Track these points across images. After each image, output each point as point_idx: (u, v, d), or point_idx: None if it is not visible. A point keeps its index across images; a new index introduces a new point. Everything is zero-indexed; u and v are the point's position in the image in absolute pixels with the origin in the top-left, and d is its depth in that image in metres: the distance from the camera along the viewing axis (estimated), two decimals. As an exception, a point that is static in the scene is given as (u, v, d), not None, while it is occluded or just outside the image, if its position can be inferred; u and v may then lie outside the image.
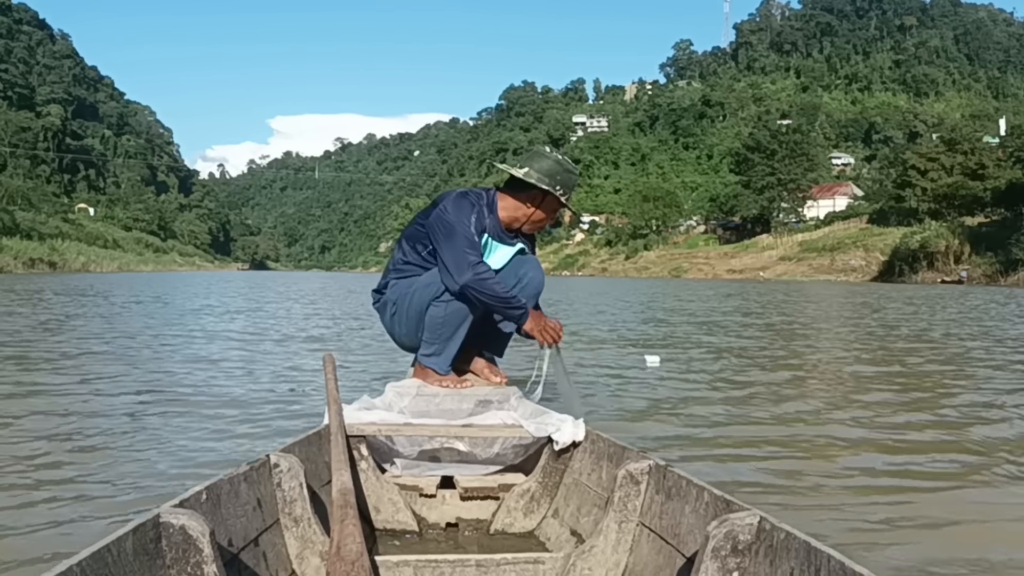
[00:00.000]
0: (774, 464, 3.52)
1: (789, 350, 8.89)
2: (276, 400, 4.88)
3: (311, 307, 17.25)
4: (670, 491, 2.06)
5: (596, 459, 2.54)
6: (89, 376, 5.75)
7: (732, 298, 25.13)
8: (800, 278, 68.99)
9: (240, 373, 6.15)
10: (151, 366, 6.47)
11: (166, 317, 12.77)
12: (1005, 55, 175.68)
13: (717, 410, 4.87)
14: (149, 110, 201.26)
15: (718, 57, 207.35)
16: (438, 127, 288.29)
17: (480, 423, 2.83)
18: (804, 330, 12.21)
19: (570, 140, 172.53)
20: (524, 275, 3.40)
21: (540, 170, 3.35)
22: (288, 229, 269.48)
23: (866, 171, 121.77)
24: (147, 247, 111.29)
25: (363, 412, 2.78)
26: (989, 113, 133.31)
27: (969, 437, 4.16)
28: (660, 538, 2.03)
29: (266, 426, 4.12)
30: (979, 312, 17.69)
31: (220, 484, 1.89)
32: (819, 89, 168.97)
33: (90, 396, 4.96)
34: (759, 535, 1.67)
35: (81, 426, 4.05)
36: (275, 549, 2.04)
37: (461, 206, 3.28)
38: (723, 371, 6.80)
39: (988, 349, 9.09)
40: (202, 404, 4.73)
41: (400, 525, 2.62)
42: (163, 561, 1.59)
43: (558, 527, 2.54)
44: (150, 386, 5.37)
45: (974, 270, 57.00)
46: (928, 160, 74.02)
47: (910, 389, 5.87)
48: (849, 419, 4.63)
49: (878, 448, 3.90)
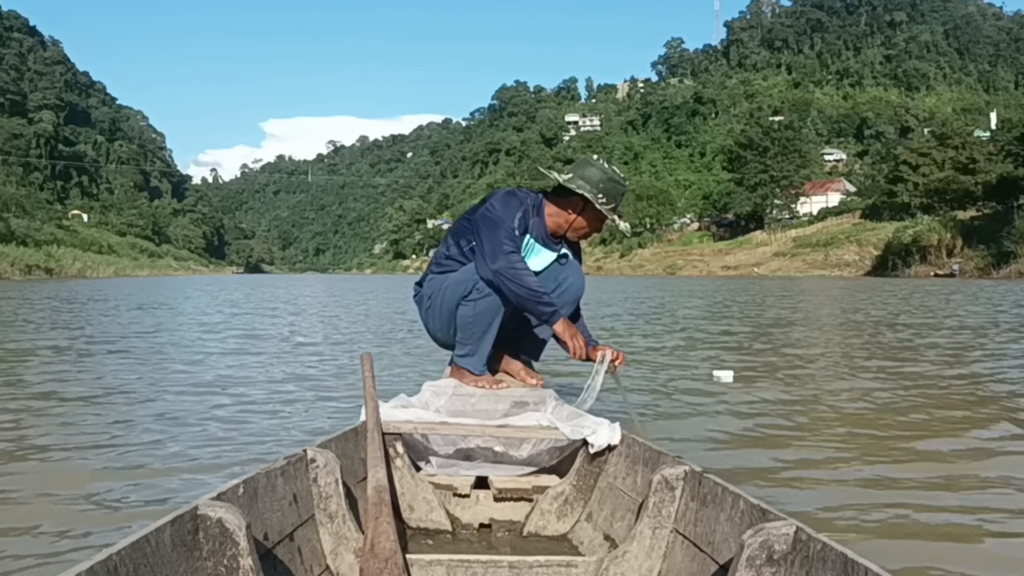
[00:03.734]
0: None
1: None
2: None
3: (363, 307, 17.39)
4: (705, 498, 2.04)
5: (631, 463, 2.53)
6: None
7: (747, 294, 25.34)
8: (794, 274, 69.25)
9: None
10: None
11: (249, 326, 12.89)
12: (995, 49, 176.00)
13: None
14: (141, 115, 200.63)
15: (709, 54, 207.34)
16: (431, 128, 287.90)
17: (515, 424, 2.82)
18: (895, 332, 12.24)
19: (563, 139, 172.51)
20: (564, 280, 3.42)
21: (584, 177, 3.35)
22: (282, 232, 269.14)
23: (858, 166, 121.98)
24: (142, 252, 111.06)
25: (399, 410, 2.81)
26: (980, 107, 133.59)
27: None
28: (694, 545, 2.02)
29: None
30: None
31: (257, 478, 1.91)
32: (810, 85, 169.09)
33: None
34: (795, 545, 1.64)
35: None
36: (310, 544, 2.06)
37: (508, 203, 3.33)
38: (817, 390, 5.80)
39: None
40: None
41: (433, 524, 2.63)
42: (200, 553, 1.61)
43: (591, 531, 2.53)
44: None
45: (966, 263, 57.27)
46: (920, 155, 74.33)
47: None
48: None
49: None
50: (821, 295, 25.68)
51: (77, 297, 23.03)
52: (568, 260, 3.50)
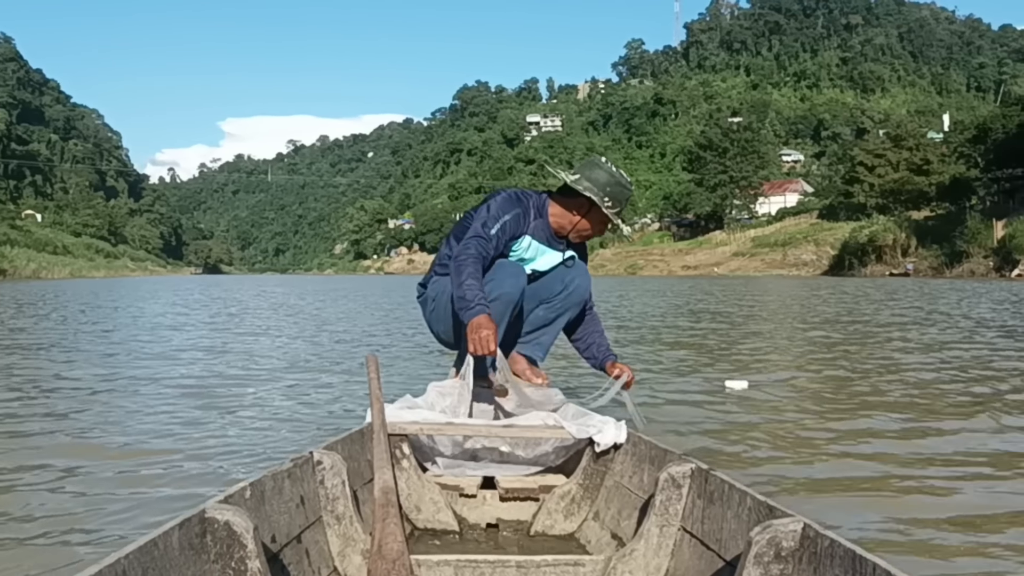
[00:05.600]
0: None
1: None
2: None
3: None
4: (712, 495, 2.04)
5: (638, 462, 2.54)
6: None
7: (734, 294, 25.56)
8: (753, 273, 70.06)
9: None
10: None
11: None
12: (948, 52, 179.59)
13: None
14: (97, 114, 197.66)
15: (669, 56, 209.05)
16: (392, 128, 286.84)
17: (521, 424, 2.81)
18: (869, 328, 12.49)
19: (524, 140, 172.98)
20: (571, 282, 3.41)
21: (591, 179, 3.34)
22: (241, 232, 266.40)
23: (815, 167, 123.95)
24: (98, 252, 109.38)
25: (405, 411, 2.81)
26: (933, 109, 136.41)
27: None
28: (701, 543, 2.02)
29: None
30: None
31: (264, 480, 1.91)
32: (768, 87, 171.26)
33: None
34: (803, 542, 1.64)
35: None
36: (317, 546, 2.07)
37: (504, 206, 3.31)
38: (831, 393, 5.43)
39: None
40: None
41: (441, 525, 2.64)
42: (208, 556, 1.62)
43: (599, 530, 2.54)
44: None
45: (920, 263, 58.29)
46: (875, 156, 75.74)
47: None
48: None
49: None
50: (783, 293, 26.00)
51: (42, 298, 22.65)
52: (575, 262, 3.50)
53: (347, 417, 4.29)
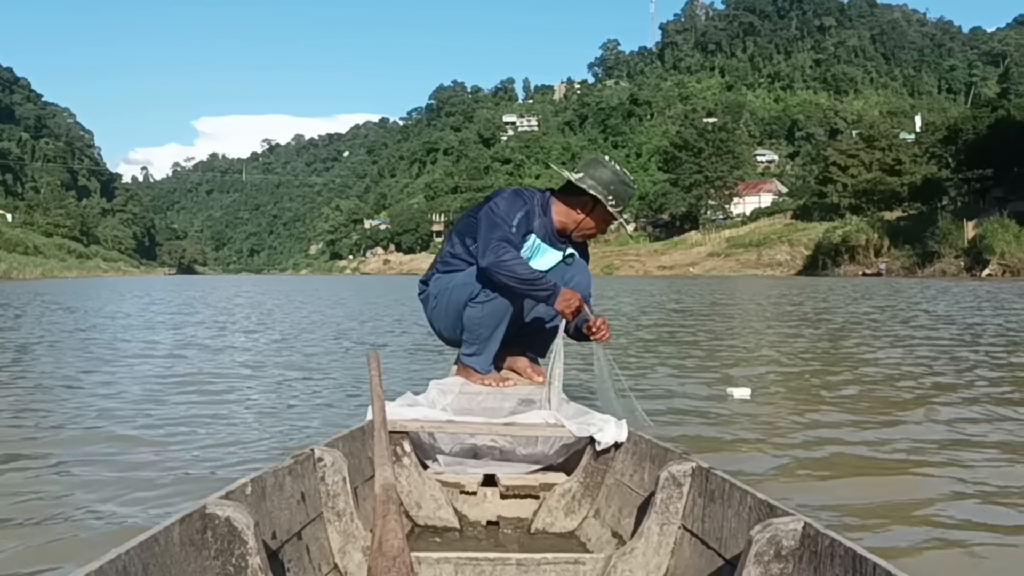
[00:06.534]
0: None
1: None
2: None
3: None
4: (713, 494, 2.05)
5: (638, 460, 2.54)
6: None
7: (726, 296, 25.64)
8: (728, 273, 70.44)
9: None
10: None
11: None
12: (919, 54, 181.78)
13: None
14: (68, 112, 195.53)
15: (645, 57, 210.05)
16: (367, 127, 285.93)
17: (522, 422, 2.82)
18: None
19: (500, 140, 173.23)
20: (571, 279, 3.39)
21: (595, 178, 3.35)
22: (215, 232, 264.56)
23: (789, 168, 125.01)
24: (70, 253, 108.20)
25: (406, 409, 2.82)
26: (905, 110, 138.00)
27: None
28: (702, 542, 2.02)
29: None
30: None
31: (265, 477, 1.92)
32: (743, 88, 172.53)
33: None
34: (803, 541, 1.64)
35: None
36: (318, 543, 2.07)
37: (512, 204, 3.30)
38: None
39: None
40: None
41: (441, 522, 2.64)
42: (209, 552, 1.62)
43: (599, 528, 2.55)
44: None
45: (893, 263, 58.78)
46: (848, 157, 76.41)
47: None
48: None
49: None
50: (758, 293, 26.17)
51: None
52: (575, 259, 3.50)
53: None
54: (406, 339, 9.58)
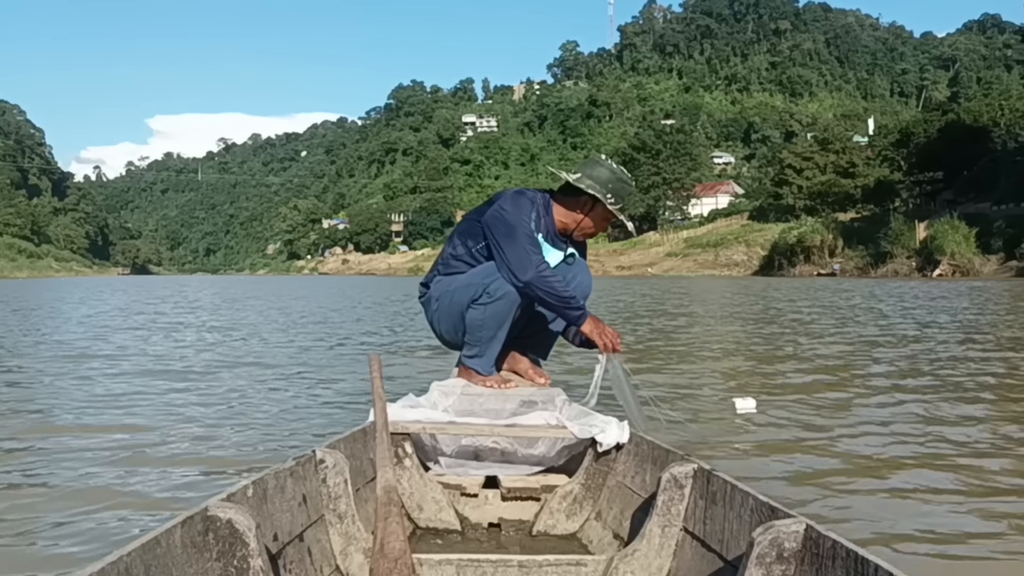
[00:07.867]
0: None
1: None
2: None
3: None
4: (714, 496, 2.05)
5: (640, 462, 2.54)
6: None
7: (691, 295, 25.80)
8: (686, 273, 70.99)
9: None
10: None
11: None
12: (872, 58, 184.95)
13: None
14: (18, 109, 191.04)
15: (603, 58, 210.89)
16: (326, 127, 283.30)
17: (524, 423, 2.81)
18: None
19: (460, 140, 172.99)
20: (573, 279, 3.40)
21: (593, 177, 3.37)
22: (171, 232, 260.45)
23: (746, 169, 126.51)
24: (20, 252, 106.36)
25: (408, 410, 2.82)
26: (859, 113, 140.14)
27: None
28: (703, 544, 2.03)
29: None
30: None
31: (267, 479, 1.92)
32: (700, 90, 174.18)
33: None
34: (805, 543, 1.64)
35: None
36: (319, 545, 2.08)
37: (520, 204, 3.30)
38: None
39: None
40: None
41: (443, 524, 2.64)
42: (210, 554, 1.62)
43: (601, 530, 2.55)
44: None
45: (847, 263, 59.58)
46: (803, 159, 77.52)
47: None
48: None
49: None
50: (716, 293, 26.46)
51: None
52: (576, 259, 3.52)
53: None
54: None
